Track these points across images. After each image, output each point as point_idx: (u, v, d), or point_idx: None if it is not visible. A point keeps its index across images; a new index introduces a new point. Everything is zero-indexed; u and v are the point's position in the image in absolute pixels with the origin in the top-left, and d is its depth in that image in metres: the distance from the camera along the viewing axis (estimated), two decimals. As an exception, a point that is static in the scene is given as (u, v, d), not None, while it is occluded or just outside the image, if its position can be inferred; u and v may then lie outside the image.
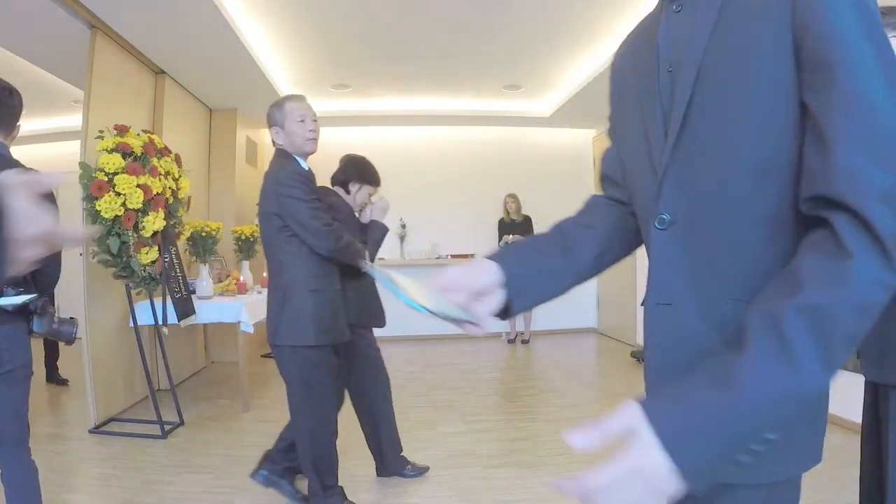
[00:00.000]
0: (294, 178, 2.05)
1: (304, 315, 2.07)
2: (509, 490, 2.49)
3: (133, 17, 3.39)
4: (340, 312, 2.21)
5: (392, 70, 4.95)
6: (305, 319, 2.07)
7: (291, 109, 2.16)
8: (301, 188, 2.05)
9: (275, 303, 2.12)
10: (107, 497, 2.41)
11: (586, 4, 3.70)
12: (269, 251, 2.16)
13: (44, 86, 4.94)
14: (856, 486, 2.42)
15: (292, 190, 2.03)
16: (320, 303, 2.11)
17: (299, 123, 2.15)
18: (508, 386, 4.44)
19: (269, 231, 2.12)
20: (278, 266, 2.13)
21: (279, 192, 2.03)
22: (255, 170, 6.24)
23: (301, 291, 2.09)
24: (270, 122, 2.19)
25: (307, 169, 2.19)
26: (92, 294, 3.39)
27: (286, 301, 2.08)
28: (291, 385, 2.16)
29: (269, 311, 2.14)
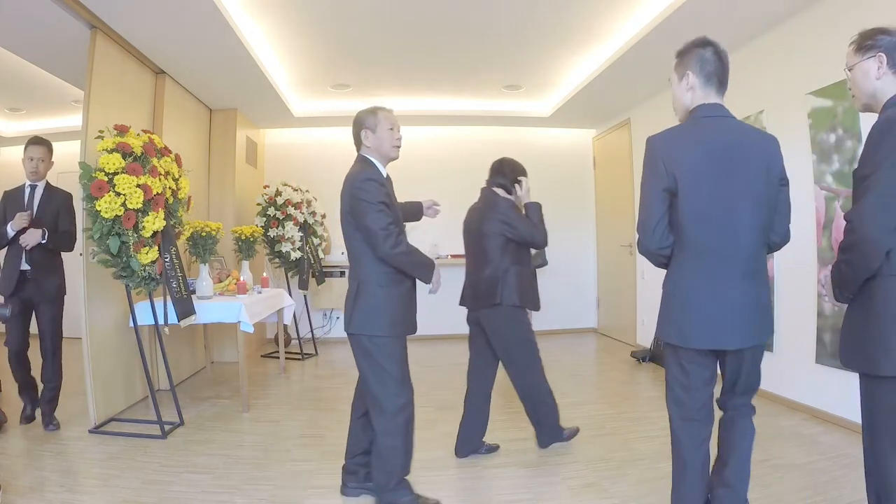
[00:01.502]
0: (368, 181, 2.21)
1: (375, 308, 2.22)
2: (509, 490, 2.49)
3: (133, 17, 3.40)
4: (411, 307, 2.36)
5: (392, 70, 4.95)
6: (376, 312, 2.22)
7: (385, 117, 2.40)
8: (372, 192, 2.19)
9: (350, 294, 2.28)
10: (107, 497, 2.41)
11: (586, 5, 3.70)
12: (348, 246, 2.31)
13: (44, 86, 4.94)
14: (856, 485, 2.43)
15: (364, 193, 2.19)
16: (389, 298, 2.24)
17: (389, 131, 2.37)
18: (508, 386, 4.42)
19: (348, 228, 2.29)
20: (355, 261, 2.30)
21: (353, 194, 2.21)
22: (254, 170, 6.24)
23: (373, 286, 2.23)
24: (362, 125, 2.37)
25: (385, 175, 2.36)
26: (92, 294, 3.39)
27: (359, 293, 2.24)
28: (365, 372, 2.27)
29: (345, 301, 2.31)
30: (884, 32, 1.65)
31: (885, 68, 1.61)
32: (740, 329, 1.72)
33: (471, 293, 2.90)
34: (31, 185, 3.40)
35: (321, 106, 6.01)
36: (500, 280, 2.76)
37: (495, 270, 2.78)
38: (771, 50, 3.76)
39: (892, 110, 1.56)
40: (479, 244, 2.85)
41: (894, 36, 1.62)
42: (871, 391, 1.56)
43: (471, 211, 3.00)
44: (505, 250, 2.78)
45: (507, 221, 2.76)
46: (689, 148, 1.74)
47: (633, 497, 2.39)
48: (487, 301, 2.78)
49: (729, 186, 1.70)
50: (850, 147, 3.11)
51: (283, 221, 5.40)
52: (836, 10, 3.22)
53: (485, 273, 2.80)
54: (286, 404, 3.99)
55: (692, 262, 1.75)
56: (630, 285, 5.87)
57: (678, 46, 1.89)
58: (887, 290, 1.50)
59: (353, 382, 4.69)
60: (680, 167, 1.71)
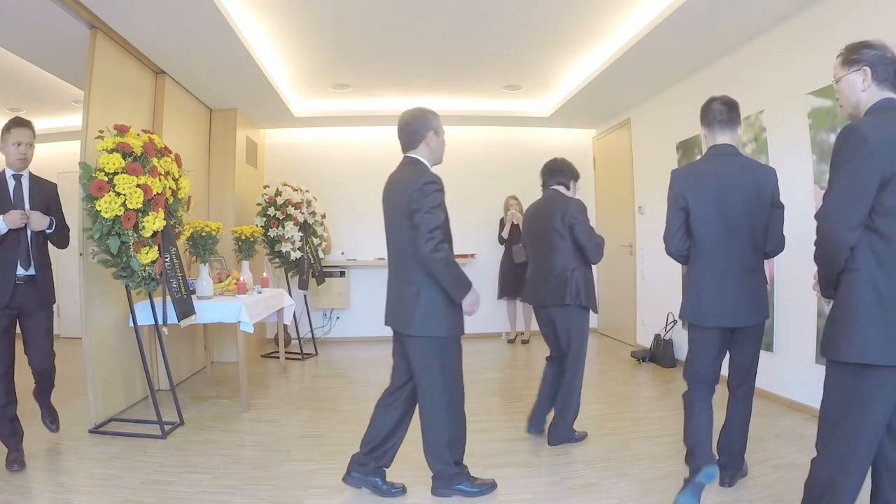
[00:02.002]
0: (433, 185, 2.24)
1: (435, 309, 2.28)
2: (509, 490, 2.49)
3: (133, 17, 3.40)
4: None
5: (392, 70, 4.95)
6: (436, 312, 2.28)
7: (441, 124, 2.49)
8: (435, 196, 2.23)
9: (409, 296, 2.30)
10: (107, 497, 2.41)
11: (586, 5, 3.70)
12: (400, 247, 2.34)
13: (44, 86, 4.94)
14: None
15: (428, 196, 2.22)
16: (448, 300, 2.29)
17: (442, 138, 2.47)
18: (508, 386, 4.43)
19: (403, 229, 2.28)
20: (411, 262, 2.28)
21: (416, 197, 2.21)
22: (254, 170, 6.24)
23: (434, 290, 2.27)
24: (429, 125, 2.42)
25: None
26: (92, 294, 3.39)
27: (420, 296, 2.28)
28: (424, 371, 2.34)
29: (401, 303, 2.34)
30: (868, 47, 1.75)
31: (870, 81, 1.72)
32: (737, 312, 2.27)
33: (535, 289, 3.03)
34: (14, 175, 2.83)
35: (321, 106, 6.01)
36: (569, 280, 2.89)
37: (564, 270, 2.91)
38: (771, 50, 3.76)
39: (860, 122, 1.68)
40: (548, 241, 2.95)
41: (878, 50, 1.73)
42: (829, 376, 1.70)
43: (537, 209, 3.11)
44: (575, 250, 2.91)
45: (575, 223, 2.89)
46: (699, 179, 2.36)
47: (633, 497, 2.39)
48: (557, 299, 2.92)
49: (727, 207, 2.28)
50: (850, 147, 3.10)
51: (283, 221, 5.40)
52: (837, 9, 3.21)
53: (554, 271, 2.93)
54: (286, 404, 3.99)
55: (702, 262, 2.33)
56: (630, 285, 5.87)
57: (678, 46, 1.94)
58: (850, 283, 1.64)
59: (353, 382, 4.70)
60: (691, 193, 2.33)
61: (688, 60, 4.42)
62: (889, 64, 1.71)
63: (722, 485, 2.39)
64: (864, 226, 1.61)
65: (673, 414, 3.56)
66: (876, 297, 1.58)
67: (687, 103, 4.85)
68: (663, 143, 5.18)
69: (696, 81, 4.68)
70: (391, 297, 2.43)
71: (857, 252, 1.61)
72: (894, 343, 1.55)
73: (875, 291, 1.58)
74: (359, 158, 6.68)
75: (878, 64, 1.70)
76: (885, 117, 1.65)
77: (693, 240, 2.34)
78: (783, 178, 3.76)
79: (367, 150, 6.70)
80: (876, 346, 1.56)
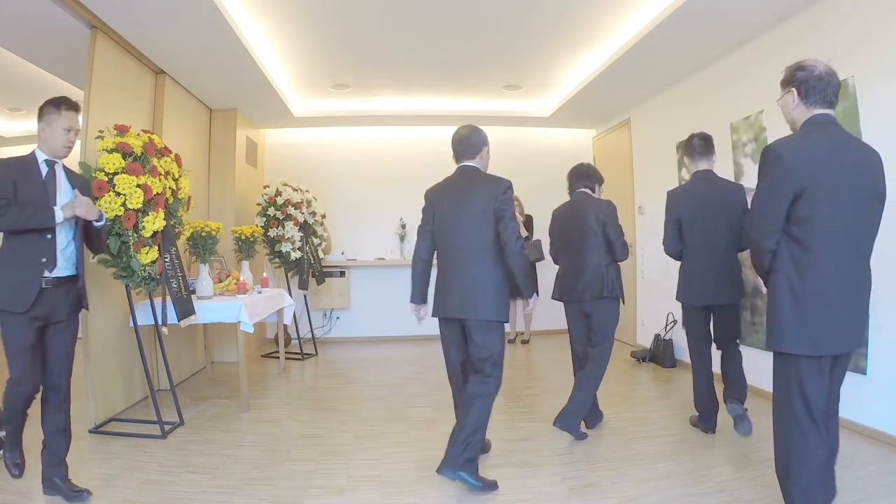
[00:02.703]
0: (511, 190, 2.63)
1: (503, 299, 2.58)
2: (509, 490, 2.49)
3: (133, 17, 3.40)
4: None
5: (392, 70, 4.95)
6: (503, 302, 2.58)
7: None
8: (513, 204, 2.64)
9: (479, 285, 2.54)
10: (107, 497, 2.41)
11: (586, 5, 3.70)
12: (473, 240, 2.56)
13: (44, 86, 4.94)
14: (856, 485, 2.43)
15: (510, 201, 2.59)
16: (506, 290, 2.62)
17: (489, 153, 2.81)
18: (508, 386, 4.43)
19: (482, 227, 2.55)
20: (484, 255, 2.56)
21: (503, 199, 2.56)
22: (254, 170, 6.24)
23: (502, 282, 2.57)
24: (484, 142, 2.75)
25: None
26: (92, 294, 3.37)
27: (492, 285, 2.54)
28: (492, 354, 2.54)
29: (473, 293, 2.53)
30: (801, 68, 1.94)
31: (798, 100, 1.92)
32: (715, 292, 3.06)
33: (571, 285, 3.21)
34: (47, 161, 2.43)
35: (321, 106, 6.01)
36: (605, 275, 3.12)
37: (598, 265, 3.14)
38: (771, 50, 3.76)
39: (780, 141, 1.90)
40: (583, 239, 3.17)
41: (808, 71, 1.91)
42: (774, 363, 1.94)
43: (568, 210, 3.33)
44: (606, 247, 3.14)
45: (608, 221, 3.13)
46: (687, 197, 3.16)
47: (633, 497, 2.39)
48: (594, 293, 3.12)
49: (710, 216, 3.04)
50: (850, 147, 3.11)
51: (283, 221, 5.40)
52: (836, 10, 3.21)
53: (590, 267, 3.14)
54: (286, 404, 3.99)
55: (692, 255, 3.14)
56: (630, 286, 5.86)
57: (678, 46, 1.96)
58: (773, 283, 1.89)
59: (353, 382, 4.70)
60: (683, 208, 3.13)
61: (688, 60, 4.42)
62: (818, 83, 1.88)
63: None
64: (784, 233, 1.83)
65: (673, 414, 3.56)
66: (792, 295, 1.82)
67: (687, 103, 4.86)
68: (663, 143, 5.17)
69: (696, 81, 4.68)
70: (458, 289, 2.56)
71: (779, 255, 1.86)
72: (807, 336, 1.79)
73: (791, 290, 1.82)
74: (359, 158, 6.68)
75: (807, 84, 1.89)
76: (807, 134, 1.87)
77: (684, 242, 3.14)
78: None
79: (367, 150, 6.70)
80: (791, 338, 1.81)
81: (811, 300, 1.79)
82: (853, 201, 1.80)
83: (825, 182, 1.77)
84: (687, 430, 3.22)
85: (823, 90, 1.89)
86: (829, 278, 1.79)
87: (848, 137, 1.91)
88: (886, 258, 2.92)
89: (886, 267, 2.93)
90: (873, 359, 3.00)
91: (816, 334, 1.78)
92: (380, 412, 3.71)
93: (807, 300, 1.79)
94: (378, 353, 5.87)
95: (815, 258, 1.79)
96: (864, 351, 3.03)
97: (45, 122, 2.41)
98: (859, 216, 1.82)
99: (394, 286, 6.52)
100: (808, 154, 1.80)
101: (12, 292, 2.29)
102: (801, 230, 1.80)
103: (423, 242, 2.74)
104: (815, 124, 1.87)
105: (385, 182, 6.64)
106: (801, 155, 1.80)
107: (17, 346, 2.29)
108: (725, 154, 4.24)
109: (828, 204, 1.78)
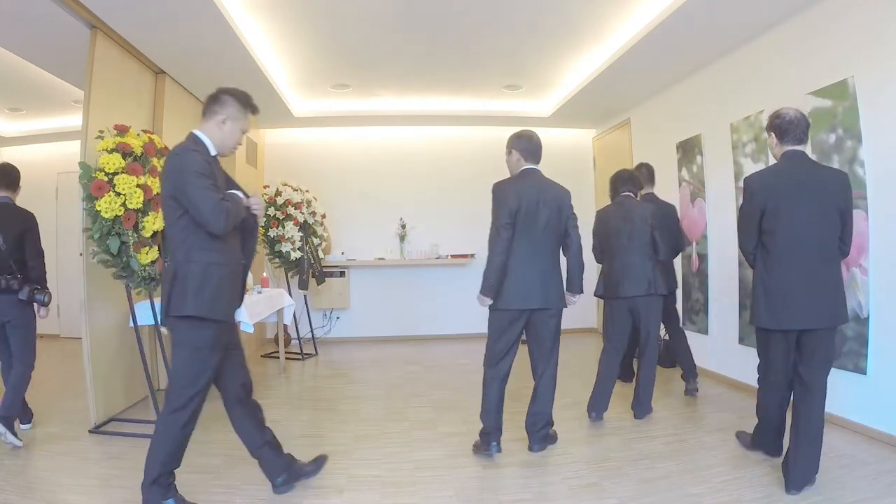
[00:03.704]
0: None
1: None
2: (509, 490, 2.49)
3: (133, 17, 3.40)
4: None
5: (392, 70, 4.95)
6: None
7: None
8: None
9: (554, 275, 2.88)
10: (107, 497, 2.41)
11: (586, 5, 3.70)
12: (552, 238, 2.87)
13: (44, 86, 4.94)
14: (856, 485, 2.43)
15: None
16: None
17: None
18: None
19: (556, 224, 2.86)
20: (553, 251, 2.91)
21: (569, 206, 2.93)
22: (254, 170, 6.24)
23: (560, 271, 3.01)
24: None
25: None
26: (92, 294, 3.39)
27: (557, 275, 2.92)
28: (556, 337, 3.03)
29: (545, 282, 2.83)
30: (777, 117, 2.50)
31: (777, 141, 2.51)
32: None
33: (618, 281, 3.40)
34: (216, 157, 2.41)
35: (321, 106, 6.01)
36: (653, 272, 3.38)
37: (644, 264, 3.38)
38: (771, 50, 3.76)
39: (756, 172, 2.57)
40: (632, 239, 3.40)
41: (782, 118, 2.48)
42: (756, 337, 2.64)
43: (615, 211, 3.51)
44: (650, 246, 3.41)
45: (654, 224, 3.42)
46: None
47: (633, 497, 2.39)
48: (642, 290, 3.36)
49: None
50: (850, 147, 3.11)
51: (283, 221, 5.40)
52: (837, 9, 3.22)
53: (638, 266, 3.38)
54: (286, 404, 3.99)
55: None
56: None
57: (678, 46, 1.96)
58: (754, 276, 2.54)
59: (353, 382, 4.70)
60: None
61: (688, 60, 4.42)
62: (789, 126, 2.45)
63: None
64: (760, 241, 2.48)
65: (673, 414, 3.56)
66: (763, 286, 2.46)
67: (687, 103, 4.86)
68: (663, 143, 5.18)
69: (696, 81, 4.69)
70: (535, 278, 2.80)
71: (757, 257, 2.52)
72: (773, 315, 2.42)
73: (762, 282, 2.46)
74: (359, 158, 6.68)
75: (780, 129, 2.48)
76: (776, 166, 2.51)
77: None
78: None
79: (367, 150, 6.70)
80: (761, 316, 2.46)
81: (775, 290, 2.41)
82: (811, 215, 2.36)
83: (784, 202, 2.38)
84: (687, 430, 3.22)
85: (794, 131, 2.45)
86: (787, 274, 2.38)
87: (814, 165, 2.48)
88: (887, 260, 2.93)
89: (887, 268, 2.93)
90: (873, 359, 3.00)
91: (780, 314, 2.40)
92: (380, 412, 3.71)
93: (772, 290, 2.42)
94: (378, 353, 5.86)
95: (776, 259, 2.41)
96: (864, 351, 3.03)
97: (226, 114, 2.38)
98: (818, 226, 2.36)
99: (394, 286, 6.53)
100: (770, 182, 2.45)
101: (228, 305, 2.23)
102: (767, 238, 2.45)
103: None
104: (787, 157, 2.47)
105: (385, 182, 6.64)
106: (764, 183, 2.46)
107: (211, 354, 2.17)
108: (725, 154, 4.24)
109: (786, 219, 2.38)
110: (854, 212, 2.68)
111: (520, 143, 2.88)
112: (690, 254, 4.76)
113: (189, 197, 2.05)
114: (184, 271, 2.09)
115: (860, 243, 3.05)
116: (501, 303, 2.79)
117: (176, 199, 2.09)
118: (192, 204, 2.06)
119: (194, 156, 2.14)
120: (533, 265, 2.79)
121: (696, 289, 4.68)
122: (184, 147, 2.19)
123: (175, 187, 2.08)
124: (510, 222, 2.74)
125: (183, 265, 2.10)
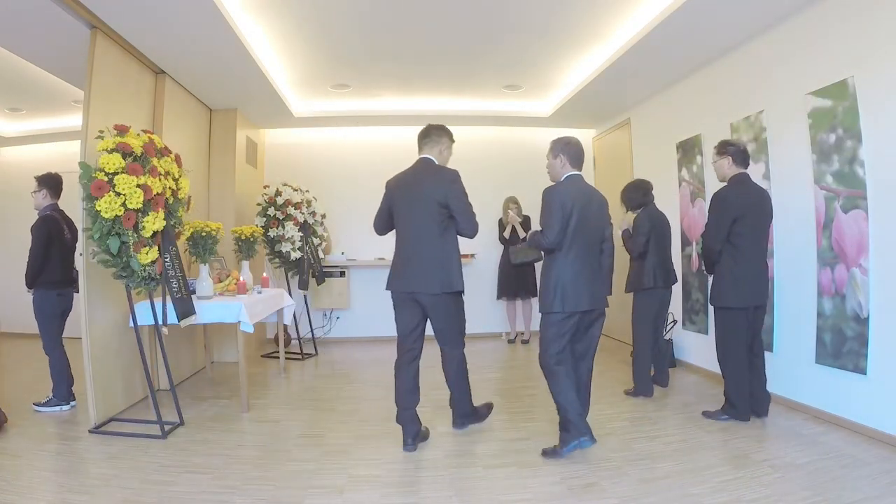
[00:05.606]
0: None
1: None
2: (509, 490, 2.49)
3: (133, 17, 3.40)
4: None
5: (392, 70, 4.95)
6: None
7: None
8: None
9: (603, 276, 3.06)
10: (107, 497, 2.41)
11: (586, 5, 3.70)
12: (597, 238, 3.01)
13: (44, 86, 4.94)
14: (856, 485, 2.43)
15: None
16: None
17: None
18: (508, 386, 4.43)
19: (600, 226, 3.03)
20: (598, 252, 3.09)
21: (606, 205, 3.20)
22: (254, 170, 6.24)
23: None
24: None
25: None
26: (92, 294, 3.39)
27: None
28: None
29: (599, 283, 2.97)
30: (732, 145, 3.32)
31: (731, 164, 3.29)
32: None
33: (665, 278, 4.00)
34: None
35: (321, 106, 6.01)
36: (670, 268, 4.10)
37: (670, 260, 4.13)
38: (771, 50, 3.76)
39: (724, 189, 3.28)
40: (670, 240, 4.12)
41: (737, 147, 3.30)
42: (715, 317, 3.38)
43: (659, 216, 4.10)
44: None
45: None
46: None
47: (633, 497, 2.39)
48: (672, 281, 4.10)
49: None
50: (850, 147, 3.10)
51: (283, 221, 5.40)
52: (836, 9, 3.22)
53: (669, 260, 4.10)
54: (286, 404, 3.99)
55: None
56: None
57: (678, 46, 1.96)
58: (720, 267, 3.30)
59: (353, 382, 4.69)
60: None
61: (688, 60, 4.42)
62: (741, 152, 3.29)
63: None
64: (727, 240, 3.23)
65: (673, 414, 3.56)
66: (731, 274, 3.24)
67: (687, 103, 4.86)
68: (663, 143, 5.18)
69: (696, 81, 4.68)
70: (589, 281, 2.90)
71: (724, 253, 3.26)
72: (739, 295, 3.21)
73: (731, 272, 3.24)
74: (359, 158, 6.68)
75: (735, 154, 3.28)
76: (736, 185, 3.25)
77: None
78: (784, 177, 3.77)
79: (367, 150, 6.70)
80: (728, 297, 3.25)
81: (741, 276, 3.22)
82: (760, 222, 3.26)
83: (749, 212, 3.19)
84: (687, 430, 3.22)
85: (745, 159, 3.31)
86: (749, 264, 3.22)
87: (757, 186, 3.33)
88: (887, 260, 2.93)
89: (887, 268, 2.94)
90: (873, 359, 3.00)
91: (745, 294, 3.22)
92: (380, 412, 3.71)
93: (738, 276, 3.22)
94: (378, 353, 5.86)
95: (743, 253, 3.21)
96: (864, 351, 3.03)
97: (444, 145, 3.23)
98: (762, 230, 3.28)
99: (394, 286, 6.53)
100: (740, 197, 3.20)
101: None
102: (736, 238, 3.21)
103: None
104: (739, 179, 3.26)
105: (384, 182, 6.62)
106: (737, 197, 3.20)
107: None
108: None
109: (749, 224, 3.19)
110: (854, 212, 3.11)
111: (569, 150, 2.98)
112: (690, 254, 4.76)
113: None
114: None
115: (860, 243, 3.05)
116: (568, 306, 2.83)
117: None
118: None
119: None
120: (585, 268, 2.91)
121: (696, 289, 4.68)
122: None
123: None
124: (563, 227, 2.85)
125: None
